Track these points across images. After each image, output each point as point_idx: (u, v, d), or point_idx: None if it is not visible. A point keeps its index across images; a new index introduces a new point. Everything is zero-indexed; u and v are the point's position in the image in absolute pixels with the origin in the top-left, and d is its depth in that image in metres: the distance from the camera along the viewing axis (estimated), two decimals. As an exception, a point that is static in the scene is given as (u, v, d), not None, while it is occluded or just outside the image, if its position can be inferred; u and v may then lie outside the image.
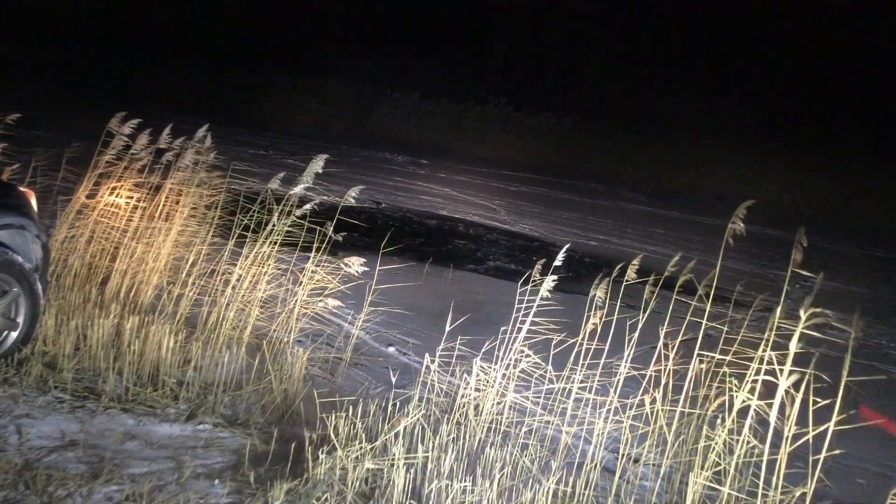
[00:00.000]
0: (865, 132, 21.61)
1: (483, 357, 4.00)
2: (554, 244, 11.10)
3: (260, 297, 4.89)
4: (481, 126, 23.98)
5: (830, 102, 22.76)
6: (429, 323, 6.36)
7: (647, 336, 3.87)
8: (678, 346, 3.57)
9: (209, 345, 4.68)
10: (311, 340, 5.24)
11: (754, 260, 12.26)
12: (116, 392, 4.15)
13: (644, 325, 3.80)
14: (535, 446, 3.51)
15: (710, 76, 24.46)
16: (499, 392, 3.64)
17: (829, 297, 9.89)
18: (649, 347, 3.78)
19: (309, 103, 23.16)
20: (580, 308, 6.65)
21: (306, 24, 28.62)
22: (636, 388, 3.62)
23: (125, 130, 5.69)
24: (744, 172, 21.52)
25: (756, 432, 3.15)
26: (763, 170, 21.49)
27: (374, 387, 4.80)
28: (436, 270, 8.24)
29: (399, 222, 11.12)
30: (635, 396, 3.52)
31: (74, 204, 5.66)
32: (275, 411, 4.26)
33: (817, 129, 22.08)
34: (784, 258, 13.33)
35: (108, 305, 4.92)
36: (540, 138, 23.76)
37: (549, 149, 23.46)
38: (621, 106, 24.21)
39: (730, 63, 24.66)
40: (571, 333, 4.00)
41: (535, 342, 3.80)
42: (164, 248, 5.26)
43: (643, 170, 22.33)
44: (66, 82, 22.02)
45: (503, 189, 16.53)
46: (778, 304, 3.94)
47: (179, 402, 4.20)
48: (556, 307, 4.06)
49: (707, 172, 21.82)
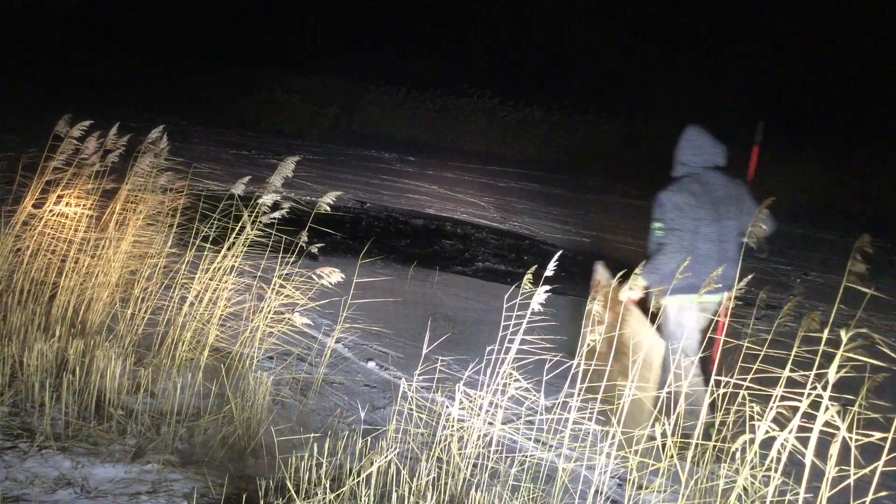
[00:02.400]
0: (863, 124, 21.25)
1: (467, 377, 3.55)
2: (545, 242, 10.65)
3: (220, 315, 4.40)
4: (469, 121, 23.49)
5: (826, 93, 22.39)
6: (412, 333, 5.90)
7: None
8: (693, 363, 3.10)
9: (163, 369, 4.21)
10: (279, 359, 4.77)
11: (754, 255, 11.83)
12: (55, 428, 3.67)
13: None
14: (526, 487, 3.05)
15: (700, 66, 24.05)
16: (485, 422, 3.18)
17: (834, 292, 9.50)
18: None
19: (293, 101, 22.61)
20: (574, 313, 6.15)
21: (289, 21, 28.11)
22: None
23: (75, 133, 5.19)
24: (737, 165, 21.13)
25: (787, 469, 2.70)
26: (767, 164, 21.11)
27: (349, 411, 4.33)
28: (421, 273, 7.77)
29: (384, 223, 10.64)
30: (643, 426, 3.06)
31: (20, 214, 5.16)
32: (236, 444, 3.79)
33: (814, 122, 21.71)
34: (785, 252, 12.82)
35: (52, 327, 4.44)
36: (528, 132, 23.29)
37: (538, 143, 23.00)
38: (610, 98, 23.77)
39: (721, 53, 24.27)
40: (566, 349, 3.53)
41: (527, 363, 3.33)
42: (116, 261, 4.77)
43: (635, 163, 21.91)
44: (45, 83, 21.43)
45: (492, 185, 16.06)
46: (787, 304, 3.49)
47: (127, 436, 3.72)
48: (548, 317, 3.57)
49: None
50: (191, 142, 14.61)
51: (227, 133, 17.94)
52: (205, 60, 25.05)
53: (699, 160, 4.39)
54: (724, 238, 4.25)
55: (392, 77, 23.99)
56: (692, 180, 4.33)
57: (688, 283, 3.84)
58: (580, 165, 21.41)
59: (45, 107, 17.22)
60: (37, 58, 23.56)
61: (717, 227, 4.22)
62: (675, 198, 4.22)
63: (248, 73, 24.06)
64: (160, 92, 21.90)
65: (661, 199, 4.28)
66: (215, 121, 19.64)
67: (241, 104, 22.27)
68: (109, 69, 23.45)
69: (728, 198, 4.32)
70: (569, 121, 23.38)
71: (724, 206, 4.27)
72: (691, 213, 4.17)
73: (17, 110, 15.68)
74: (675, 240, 4.13)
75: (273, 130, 20.62)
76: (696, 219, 4.17)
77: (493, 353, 3.33)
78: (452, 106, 23.71)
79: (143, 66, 23.97)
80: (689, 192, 4.23)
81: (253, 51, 25.88)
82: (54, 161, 5.23)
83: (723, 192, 4.32)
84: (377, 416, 4.36)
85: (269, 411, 4.02)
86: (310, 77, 24.02)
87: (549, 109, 23.63)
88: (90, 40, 25.62)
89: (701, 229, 4.18)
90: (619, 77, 24.16)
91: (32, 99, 18.33)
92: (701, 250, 4.16)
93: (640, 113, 22.74)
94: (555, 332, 3.45)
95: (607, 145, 22.63)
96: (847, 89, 21.93)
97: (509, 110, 23.63)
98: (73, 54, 24.25)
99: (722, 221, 4.24)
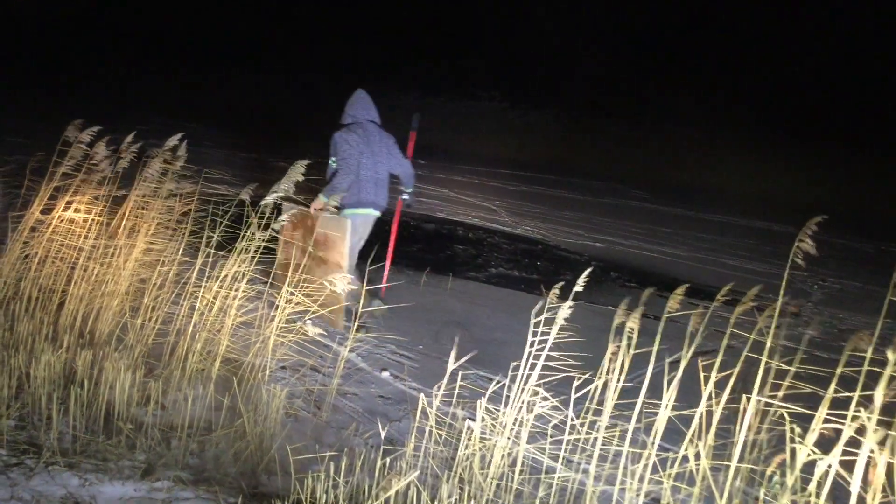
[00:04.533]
0: (869, 126, 21.06)
1: (490, 393, 3.41)
2: (558, 247, 10.51)
3: (230, 325, 4.28)
4: (478, 124, 23.41)
5: (833, 96, 22.20)
6: (427, 341, 5.77)
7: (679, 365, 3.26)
8: (726, 382, 2.96)
9: (173, 380, 4.09)
10: (292, 370, 4.65)
11: (767, 259, 11.67)
12: (62, 443, 3.56)
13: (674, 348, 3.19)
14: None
15: (708, 70, 23.89)
16: (510, 440, 3.04)
17: (853, 299, 9.33)
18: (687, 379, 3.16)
19: (302, 103, 22.55)
20: (595, 322, 6.02)
21: (298, 24, 28.04)
22: (675, 434, 3.02)
23: (84, 138, 5.08)
24: (745, 167, 21.03)
25: (832, 496, 2.56)
26: (764, 165, 21.00)
27: (364, 424, 4.20)
28: (434, 280, 7.64)
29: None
30: (675, 447, 2.92)
31: (28, 220, 5.05)
32: (249, 460, 3.66)
33: (819, 124, 21.53)
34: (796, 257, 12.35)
35: (60, 337, 4.33)
36: (538, 135, 23.20)
37: (548, 146, 22.89)
38: (620, 101, 23.64)
39: (728, 57, 24.09)
40: (589, 364, 3.39)
41: (551, 379, 3.19)
42: (126, 268, 4.65)
43: (644, 166, 21.78)
44: (56, 87, 21.41)
45: (503, 189, 15.93)
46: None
47: (136, 451, 3.60)
48: (572, 332, 3.43)
49: (708, 167, 21.32)
50: (203, 145, 14.52)
51: (238, 137, 17.85)
52: (216, 64, 25.01)
53: (363, 114, 5.79)
54: (377, 170, 5.71)
55: (402, 80, 23.93)
56: (357, 127, 5.71)
57: (354, 200, 5.44)
58: (590, 169, 21.28)
59: (55, 110, 17.19)
60: (48, 62, 23.55)
61: (372, 161, 5.67)
62: (346, 136, 5.60)
63: (258, 77, 24.03)
64: (169, 96, 21.87)
65: (335, 139, 5.66)
66: (226, 124, 19.56)
67: (254, 107, 22.22)
68: (120, 73, 23.43)
69: (380, 143, 5.77)
70: (578, 124, 23.27)
71: (377, 147, 5.73)
72: (356, 149, 5.57)
73: (27, 113, 15.64)
74: (345, 167, 5.53)
75: (285, 134, 20.54)
76: (359, 153, 5.58)
77: (514, 366, 3.20)
78: (462, 109, 23.63)
79: (154, 69, 23.94)
80: (356, 134, 5.63)
81: (263, 55, 25.82)
82: (63, 166, 5.13)
83: (377, 137, 5.76)
84: (393, 428, 4.23)
85: (282, 425, 3.89)
86: (320, 81, 23.96)
87: (559, 113, 23.53)
88: (102, 44, 25.62)
89: (362, 161, 5.60)
90: (630, 81, 24.00)
91: (43, 102, 18.31)
92: (361, 177, 5.61)
93: (650, 117, 22.60)
94: (580, 346, 3.32)
95: (617, 149, 22.51)
96: (877, 92, 21.70)
97: (519, 113, 23.55)
98: (85, 58, 24.24)
99: (376, 157, 5.70)
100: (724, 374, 3.00)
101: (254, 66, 25.34)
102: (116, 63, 24.24)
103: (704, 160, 21.47)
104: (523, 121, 23.52)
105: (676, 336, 3.09)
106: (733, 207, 17.40)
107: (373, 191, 5.63)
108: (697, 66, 23.72)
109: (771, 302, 3.11)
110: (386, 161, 5.80)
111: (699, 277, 9.70)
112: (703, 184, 20.69)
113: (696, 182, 20.93)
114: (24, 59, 23.04)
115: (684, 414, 2.99)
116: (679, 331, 3.09)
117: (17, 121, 14.13)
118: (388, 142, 5.83)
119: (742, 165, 21.04)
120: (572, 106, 23.48)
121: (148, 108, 18.77)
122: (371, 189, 5.63)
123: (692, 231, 13.66)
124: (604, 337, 3.08)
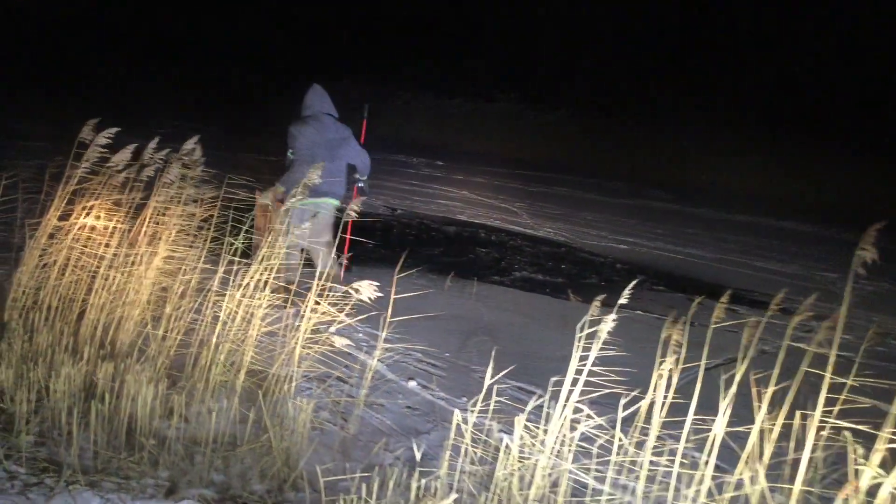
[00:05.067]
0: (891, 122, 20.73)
1: (517, 401, 3.26)
2: (581, 249, 10.34)
3: (255, 335, 4.15)
4: (496, 125, 23.27)
5: (864, 96, 21.84)
6: (454, 349, 5.62)
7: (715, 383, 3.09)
8: (778, 398, 2.79)
9: (196, 393, 3.96)
10: (318, 381, 4.51)
11: (796, 260, 11.45)
12: (83, 460, 3.43)
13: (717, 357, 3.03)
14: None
15: (729, 70, 23.61)
16: (550, 460, 2.89)
17: (885, 301, 9.09)
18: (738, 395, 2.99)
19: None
20: (629, 329, 5.84)
21: (313, 28, 27.99)
22: (723, 450, 2.85)
23: (100, 140, 4.97)
24: (769, 168, 20.79)
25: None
26: (789, 165, 20.74)
27: (393, 438, 4.06)
28: (458, 284, 7.49)
29: (416, 230, 10.38)
30: (724, 463, 2.75)
31: (46, 227, 4.94)
32: (276, 477, 3.53)
33: (841, 122, 21.19)
34: (825, 257, 12.29)
35: (81, 348, 4.21)
36: (556, 136, 23.03)
37: (566, 147, 22.72)
38: (638, 101, 23.42)
39: (751, 56, 23.80)
40: (630, 376, 3.23)
41: (593, 395, 3.03)
42: (147, 277, 4.53)
43: (665, 166, 21.56)
44: (76, 89, 21.42)
45: (522, 190, 15.77)
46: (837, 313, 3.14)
47: (160, 468, 3.47)
48: (608, 342, 3.26)
49: (730, 167, 21.08)
50: (219, 149, 14.44)
51: (254, 139, 17.80)
52: (232, 66, 24.99)
53: (319, 107, 5.92)
54: (332, 161, 5.78)
55: (417, 82, 23.81)
56: (314, 119, 5.85)
57: (310, 190, 5.10)
58: (610, 169, 21.08)
59: (76, 113, 17.16)
60: (67, 65, 23.59)
61: (328, 152, 5.77)
62: (302, 129, 5.78)
63: (275, 80, 23.97)
64: (186, 98, 21.85)
65: (291, 131, 5.82)
66: (242, 127, 19.51)
67: (269, 111, 22.17)
68: (138, 76, 23.44)
69: (336, 134, 5.91)
70: (596, 124, 23.08)
71: (333, 140, 5.87)
72: (310, 140, 5.74)
73: (43, 116, 15.60)
74: (300, 158, 5.69)
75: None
76: (313, 143, 5.73)
77: (555, 381, 3.04)
78: (479, 111, 23.49)
79: (171, 73, 23.94)
80: (312, 127, 5.79)
81: (279, 58, 25.77)
82: (79, 170, 5.02)
83: (332, 129, 5.90)
84: (422, 440, 4.09)
85: (309, 440, 3.75)
86: (335, 83, 23.87)
87: (576, 113, 23.34)
88: (117, 47, 25.65)
89: (317, 151, 5.70)
90: (649, 81, 23.76)
91: (65, 105, 18.31)
92: (325, 171, 5.39)
93: (669, 117, 22.36)
94: (620, 358, 3.15)
95: (636, 149, 22.29)
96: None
97: (536, 114, 23.38)
98: (101, 60, 24.27)
99: (331, 149, 5.83)
100: (760, 385, 2.83)
101: (271, 68, 25.30)
102: (124, 63, 24.23)
103: (727, 160, 21.22)
104: (540, 121, 23.34)
105: (699, 343, 2.93)
106: (758, 208, 17.16)
107: (328, 181, 5.62)
108: (720, 65, 23.45)
109: (827, 311, 2.95)
110: (342, 152, 5.95)
111: (727, 280, 9.50)
112: (726, 184, 20.45)
113: (720, 182, 20.70)
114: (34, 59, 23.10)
115: (736, 431, 2.83)
116: (712, 337, 2.94)
117: (33, 124, 14.10)
118: (343, 133, 5.98)
119: (766, 166, 20.81)
120: (590, 106, 23.27)
121: (160, 110, 18.74)
122: (326, 179, 5.56)
123: (717, 232, 13.45)
124: (640, 345, 2.93)
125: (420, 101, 23.68)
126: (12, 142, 12.12)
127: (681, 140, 22.01)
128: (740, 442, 2.86)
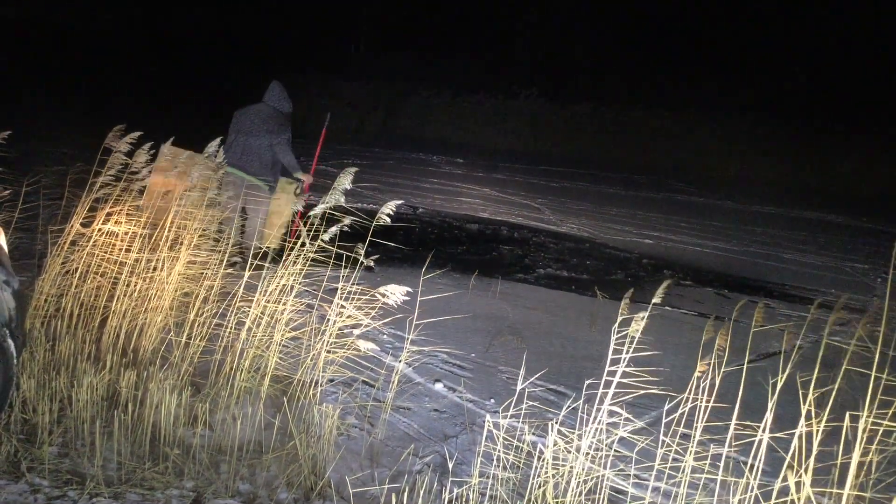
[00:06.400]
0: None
1: (548, 403, 3.16)
2: (606, 244, 10.20)
3: (279, 340, 4.07)
4: (517, 121, 23.09)
5: (884, 83, 21.46)
6: (480, 349, 5.53)
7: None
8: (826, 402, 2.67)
9: (221, 400, 3.90)
10: (344, 386, 4.43)
11: (825, 252, 11.24)
12: (106, 471, 3.38)
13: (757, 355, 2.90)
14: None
15: (749, 59, 23.30)
16: (584, 466, 2.78)
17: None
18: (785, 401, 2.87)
19: (338, 106, 22.41)
20: (662, 327, 5.69)
21: (332, 26, 27.97)
22: (771, 458, 2.73)
23: (123, 147, 4.93)
24: (794, 158, 20.48)
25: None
26: (816, 155, 20.44)
27: (421, 443, 3.97)
28: (482, 283, 7.38)
29: (438, 229, 10.29)
30: (767, 467, 2.63)
31: (68, 233, 4.90)
32: (303, 485, 3.45)
33: (870, 111, 20.81)
34: (855, 248, 12.01)
35: (103, 356, 4.16)
36: (578, 130, 22.82)
37: (587, 141, 22.51)
38: (659, 94, 23.14)
39: (772, 47, 23.46)
40: (665, 377, 3.11)
41: (627, 396, 2.92)
42: (170, 282, 4.47)
43: (688, 159, 21.30)
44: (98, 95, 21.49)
45: (544, 186, 15.63)
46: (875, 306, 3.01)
47: (184, 478, 3.41)
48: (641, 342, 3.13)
49: (755, 159, 20.79)
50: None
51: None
52: (250, 69, 25.00)
53: (267, 98, 6.76)
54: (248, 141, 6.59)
55: (436, 79, 23.69)
56: (252, 106, 6.75)
57: (234, 162, 6.44)
58: (632, 163, 20.87)
59: (98, 119, 17.22)
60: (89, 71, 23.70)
61: (244, 133, 6.62)
62: (236, 113, 6.77)
63: (293, 79, 23.94)
64: (204, 100, 21.86)
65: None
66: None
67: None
68: (156, 77, 23.51)
69: (263, 122, 6.62)
70: (617, 118, 22.84)
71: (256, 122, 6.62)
72: (234, 120, 6.75)
73: (73, 123, 15.65)
74: (232, 138, 6.62)
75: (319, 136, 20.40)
76: (235, 122, 6.73)
77: (588, 384, 2.94)
78: (499, 107, 23.34)
79: (189, 75, 24.00)
80: (240, 110, 6.77)
81: (298, 57, 25.75)
82: (102, 176, 4.98)
83: (262, 116, 6.66)
84: (450, 444, 4.00)
85: (336, 447, 3.68)
86: (354, 82, 23.81)
87: (597, 107, 23.12)
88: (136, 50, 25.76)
89: (238, 128, 6.67)
90: (669, 73, 23.48)
91: (85, 111, 18.38)
92: (233, 143, 6.59)
93: (690, 109, 22.09)
94: (653, 358, 3.04)
95: (658, 142, 22.05)
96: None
97: (557, 109, 23.20)
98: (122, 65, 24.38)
99: (250, 131, 6.61)
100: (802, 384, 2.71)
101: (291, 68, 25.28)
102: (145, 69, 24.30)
103: (751, 151, 20.94)
104: (562, 116, 23.13)
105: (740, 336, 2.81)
106: (784, 199, 16.90)
107: (240, 156, 6.53)
108: (744, 56, 23.14)
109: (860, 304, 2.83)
110: (262, 138, 6.60)
111: (756, 273, 9.33)
112: (751, 175, 20.18)
113: (744, 174, 20.43)
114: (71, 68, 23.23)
115: (780, 436, 2.71)
116: (744, 331, 2.82)
117: (54, 129, 14.14)
118: (271, 126, 6.63)
119: (791, 156, 20.50)
120: (611, 100, 23.03)
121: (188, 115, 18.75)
122: (238, 154, 6.54)
123: (743, 224, 13.25)
124: (670, 343, 2.81)
125: (438, 98, 23.54)
126: (31, 145, 12.15)
127: (707, 133, 21.73)
128: (782, 443, 2.74)
